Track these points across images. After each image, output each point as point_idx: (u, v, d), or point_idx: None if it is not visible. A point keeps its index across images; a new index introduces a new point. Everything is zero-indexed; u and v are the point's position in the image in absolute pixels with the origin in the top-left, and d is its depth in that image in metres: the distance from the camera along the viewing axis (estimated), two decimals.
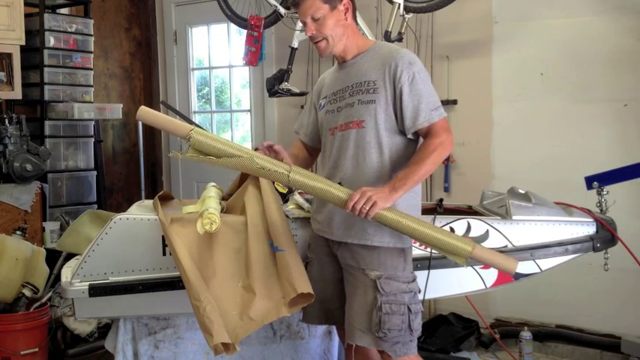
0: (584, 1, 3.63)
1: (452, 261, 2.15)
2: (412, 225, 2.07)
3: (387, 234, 2.15)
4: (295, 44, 4.01)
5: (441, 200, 2.75)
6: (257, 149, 2.23)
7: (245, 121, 5.26)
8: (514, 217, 2.58)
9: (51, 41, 4.33)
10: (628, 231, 2.85)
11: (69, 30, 4.42)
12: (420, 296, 2.23)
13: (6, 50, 4.01)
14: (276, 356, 2.67)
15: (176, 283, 2.32)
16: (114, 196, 5.24)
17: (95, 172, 4.61)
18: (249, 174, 2.47)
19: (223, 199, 2.69)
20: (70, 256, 3.07)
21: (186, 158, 2.08)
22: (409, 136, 2.19)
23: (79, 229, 3.40)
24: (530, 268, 2.57)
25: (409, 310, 2.14)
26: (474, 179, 3.93)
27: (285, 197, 2.69)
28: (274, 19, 4.14)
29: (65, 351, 3.46)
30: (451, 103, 3.97)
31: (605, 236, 2.66)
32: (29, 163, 3.86)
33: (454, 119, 3.87)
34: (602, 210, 2.75)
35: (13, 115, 3.93)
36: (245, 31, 4.31)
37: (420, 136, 2.20)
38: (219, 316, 2.13)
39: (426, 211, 2.48)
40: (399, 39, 3.66)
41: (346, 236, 2.21)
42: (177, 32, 5.34)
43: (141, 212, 2.48)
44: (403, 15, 3.63)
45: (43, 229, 4.05)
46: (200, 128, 2.12)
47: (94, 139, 4.63)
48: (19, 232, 3.74)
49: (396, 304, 2.12)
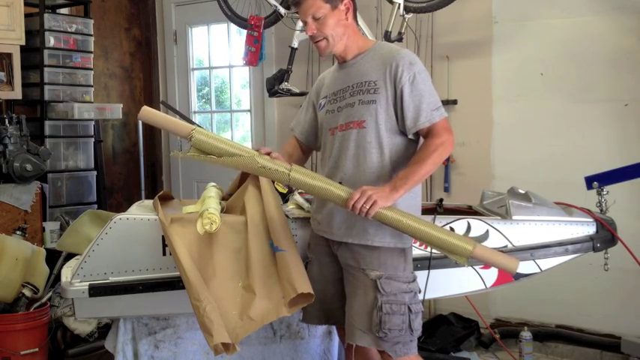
0: (584, 1, 3.63)
1: (452, 261, 2.15)
2: (413, 224, 2.07)
3: (387, 234, 2.15)
4: (295, 44, 4.01)
5: (441, 200, 2.75)
6: (257, 150, 2.24)
7: (245, 121, 5.26)
8: (514, 217, 2.58)
9: (51, 41, 4.33)
10: (628, 231, 2.85)
11: (69, 30, 4.42)
12: (420, 296, 2.23)
13: (6, 50, 4.01)
14: (276, 356, 2.66)
15: (176, 283, 2.32)
16: (114, 196, 5.24)
17: (95, 172, 4.61)
18: (250, 173, 2.47)
19: (223, 199, 2.69)
20: (70, 256, 3.07)
21: (187, 157, 2.10)
22: (410, 137, 2.19)
23: (79, 229, 3.40)
24: (530, 268, 2.57)
25: (409, 310, 2.14)
26: (474, 179, 3.93)
27: (285, 197, 2.69)
28: (274, 19, 4.14)
29: (65, 351, 3.46)
30: (451, 103, 3.97)
31: (605, 236, 2.66)
32: (29, 163, 3.86)
33: (454, 119, 3.86)
34: (602, 210, 2.75)
35: (13, 115, 3.93)
36: (245, 31, 4.31)
37: (420, 136, 2.21)
38: (219, 316, 2.13)
39: (426, 211, 2.48)
40: (399, 39, 3.66)
41: (347, 236, 2.21)
42: (177, 32, 5.34)
43: (141, 212, 2.48)
44: (403, 15, 3.63)
45: (43, 229, 4.05)
46: (201, 128, 2.13)
47: (94, 139, 4.63)
48: (19, 232, 3.74)
49: (397, 304, 2.12)
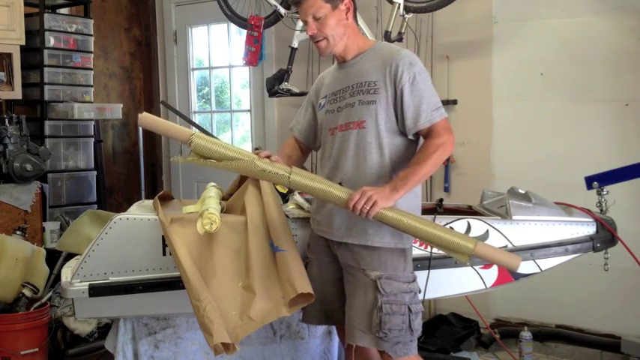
0: (584, 1, 3.63)
1: (452, 261, 2.15)
2: (413, 223, 2.07)
3: (387, 234, 2.15)
4: (295, 44, 4.01)
5: (441, 200, 2.75)
6: (258, 148, 2.24)
7: (245, 121, 5.26)
8: (514, 217, 2.58)
9: (51, 41, 4.33)
10: (628, 231, 2.85)
11: (69, 30, 4.42)
12: (420, 296, 2.22)
13: (6, 50, 4.02)
14: (276, 356, 2.66)
15: (176, 283, 2.32)
16: (114, 196, 5.24)
17: (95, 172, 4.61)
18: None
19: (223, 199, 2.69)
20: (70, 256, 3.07)
21: (187, 162, 2.11)
22: (410, 137, 2.19)
23: (79, 229, 3.40)
24: (530, 268, 2.56)
25: (409, 310, 2.13)
26: (474, 179, 3.93)
27: (285, 197, 2.69)
28: (274, 19, 4.14)
29: (65, 351, 3.46)
30: (451, 103, 3.97)
31: (605, 236, 2.66)
32: (29, 163, 3.86)
33: (454, 119, 3.86)
34: (602, 210, 2.75)
35: (13, 115, 3.93)
36: (245, 31, 4.31)
37: (420, 136, 2.21)
38: (219, 316, 2.13)
39: (426, 211, 2.48)
40: (399, 39, 3.66)
41: (346, 236, 2.21)
42: (177, 32, 5.34)
43: (141, 212, 2.47)
44: (403, 15, 3.63)
45: (43, 229, 4.05)
46: (201, 129, 2.14)
47: (94, 139, 4.63)
48: (19, 232, 3.74)
49: (397, 305, 2.12)
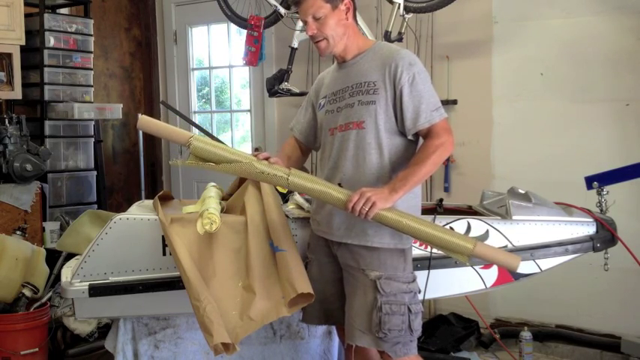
0: (584, 1, 3.63)
1: (452, 261, 2.15)
2: (413, 224, 2.07)
3: (387, 235, 2.15)
4: (295, 44, 4.01)
5: (440, 200, 2.75)
6: (257, 149, 2.24)
7: (245, 121, 5.25)
8: (514, 217, 2.58)
9: (51, 41, 4.33)
10: (628, 231, 2.85)
11: (69, 30, 4.42)
12: (420, 296, 2.22)
13: (6, 50, 4.02)
14: (276, 356, 2.66)
15: (176, 283, 2.32)
16: (114, 196, 5.24)
17: (95, 172, 4.61)
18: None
19: (223, 199, 2.69)
20: (70, 256, 3.07)
21: (186, 165, 2.11)
22: (409, 137, 2.19)
23: (79, 229, 3.40)
24: (530, 268, 2.56)
25: (409, 310, 2.13)
26: (474, 179, 3.93)
27: (285, 197, 2.69)
28: (274, 19, 4.14)
29: (65, 351, 3.46)
30: (451, 103, 3.97)
31: (605, 236, 2.66)
32: (29, 163, 3.86)
33: (454, 119, 3.86)
34: (602, 210, 2.75)
35: (13, 115, 3.93)
36: (245, 31, 4.31)
37: (420, 137, 2.20)
38: (219, 316, 2.13)
39: (426, 211, 2.48)
40: (399, 39, 3.65)
41: (346, 237, 2.21)
42: (177, 32, 5.34)
43: (141, 212, 2.48)
44: (403, 15, 3.63)
45: (43, 229, 4.05)
46: (201, 129, 2.14)
47: (94, 139, 4.63)
48: (19, 232, 3.74)
49: (396, 305, 2.12)
